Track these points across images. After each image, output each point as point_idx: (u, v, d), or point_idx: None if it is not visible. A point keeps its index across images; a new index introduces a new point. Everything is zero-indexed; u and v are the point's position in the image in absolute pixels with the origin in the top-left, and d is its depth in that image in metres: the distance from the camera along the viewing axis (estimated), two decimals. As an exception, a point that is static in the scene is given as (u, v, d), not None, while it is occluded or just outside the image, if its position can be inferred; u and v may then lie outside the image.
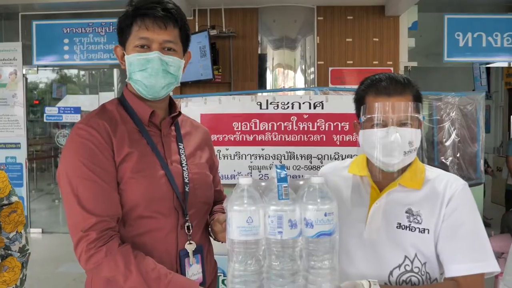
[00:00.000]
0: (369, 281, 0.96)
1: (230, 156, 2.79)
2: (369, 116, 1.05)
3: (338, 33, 5.28)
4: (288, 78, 5.20)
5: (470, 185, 2.73)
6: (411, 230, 1.05)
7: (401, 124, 1.02)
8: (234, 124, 2.79)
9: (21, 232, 1.45)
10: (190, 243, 1.07)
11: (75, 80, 7.70)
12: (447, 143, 2.78)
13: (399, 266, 1.05)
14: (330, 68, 5.27)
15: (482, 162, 2.94)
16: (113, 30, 5.24)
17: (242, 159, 2.82)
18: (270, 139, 2.80)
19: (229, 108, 2.80)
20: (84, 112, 5.46)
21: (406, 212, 1.06)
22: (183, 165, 1.11)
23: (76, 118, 5.38)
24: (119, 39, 1.11)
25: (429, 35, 5.58)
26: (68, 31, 5.33)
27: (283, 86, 5.13)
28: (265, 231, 0.90)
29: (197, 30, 4.95)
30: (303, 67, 5.19)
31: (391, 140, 1.01)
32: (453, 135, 2.77)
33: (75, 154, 1.00)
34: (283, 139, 2.77)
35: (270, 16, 5.18)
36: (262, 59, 5.24)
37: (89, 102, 6.81)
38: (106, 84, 7.26)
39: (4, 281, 1.37)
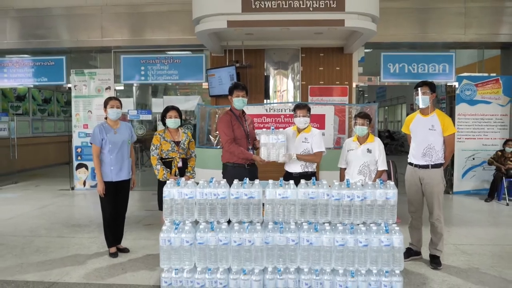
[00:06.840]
0: (294, 153, 3.94)
1: (251, 136, 5.67)
2: (295, 114, 4.01)
3: (314, 64, 7.65)
4: (282, 90, 7.52)
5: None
6: (305, 143, 3.99)
7: (303, 116, 3.97)
8: (254, 119, 5.75)
9: (194, 150, 4.38)
10: (249, 146, 4.03)
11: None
12: (355, 128, 5.71)
13: (301, 152, 4.00)
14: (309, 86, 7.65)
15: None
16: (173, 62, 8.09)
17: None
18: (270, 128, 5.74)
19: (251, 111, 5.78)
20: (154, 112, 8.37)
21: (305, 138, 4.00)
22: (247, 128, 4.07)
23: (149, 117, 8.27)
24: (229, 93, 4.04)
25: (371, 64, 8.17)
26: (143, 62, 8.15)
27: (280, 94, 7.46)
28: (269, 140, 3.87)
29: (227, 64, 7.44)
30: (292, 85, 7.55)
31: (301, 120, 3.97)
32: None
33: (224, 121, 3.94)
34: (277, 128, 5.70)
35: (272, 52, 7.58)
36: (267, 79, 7.61)
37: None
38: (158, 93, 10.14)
39: (191, 166, 4.28)
